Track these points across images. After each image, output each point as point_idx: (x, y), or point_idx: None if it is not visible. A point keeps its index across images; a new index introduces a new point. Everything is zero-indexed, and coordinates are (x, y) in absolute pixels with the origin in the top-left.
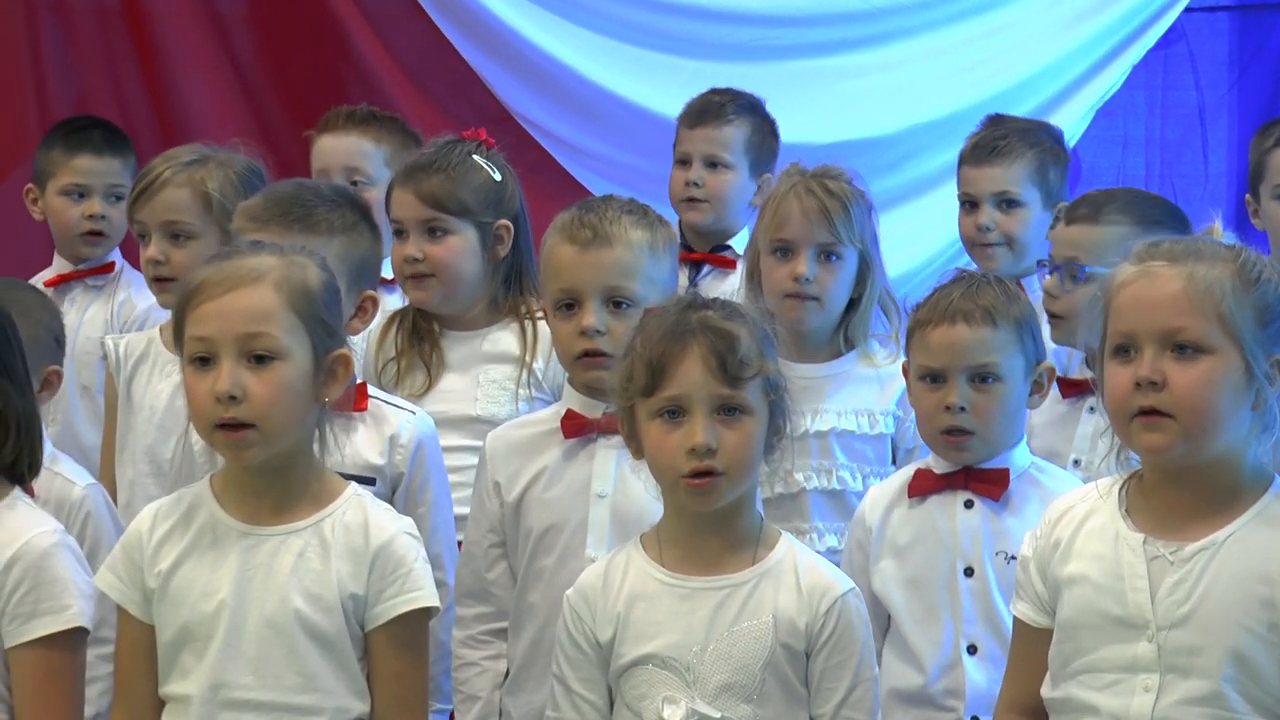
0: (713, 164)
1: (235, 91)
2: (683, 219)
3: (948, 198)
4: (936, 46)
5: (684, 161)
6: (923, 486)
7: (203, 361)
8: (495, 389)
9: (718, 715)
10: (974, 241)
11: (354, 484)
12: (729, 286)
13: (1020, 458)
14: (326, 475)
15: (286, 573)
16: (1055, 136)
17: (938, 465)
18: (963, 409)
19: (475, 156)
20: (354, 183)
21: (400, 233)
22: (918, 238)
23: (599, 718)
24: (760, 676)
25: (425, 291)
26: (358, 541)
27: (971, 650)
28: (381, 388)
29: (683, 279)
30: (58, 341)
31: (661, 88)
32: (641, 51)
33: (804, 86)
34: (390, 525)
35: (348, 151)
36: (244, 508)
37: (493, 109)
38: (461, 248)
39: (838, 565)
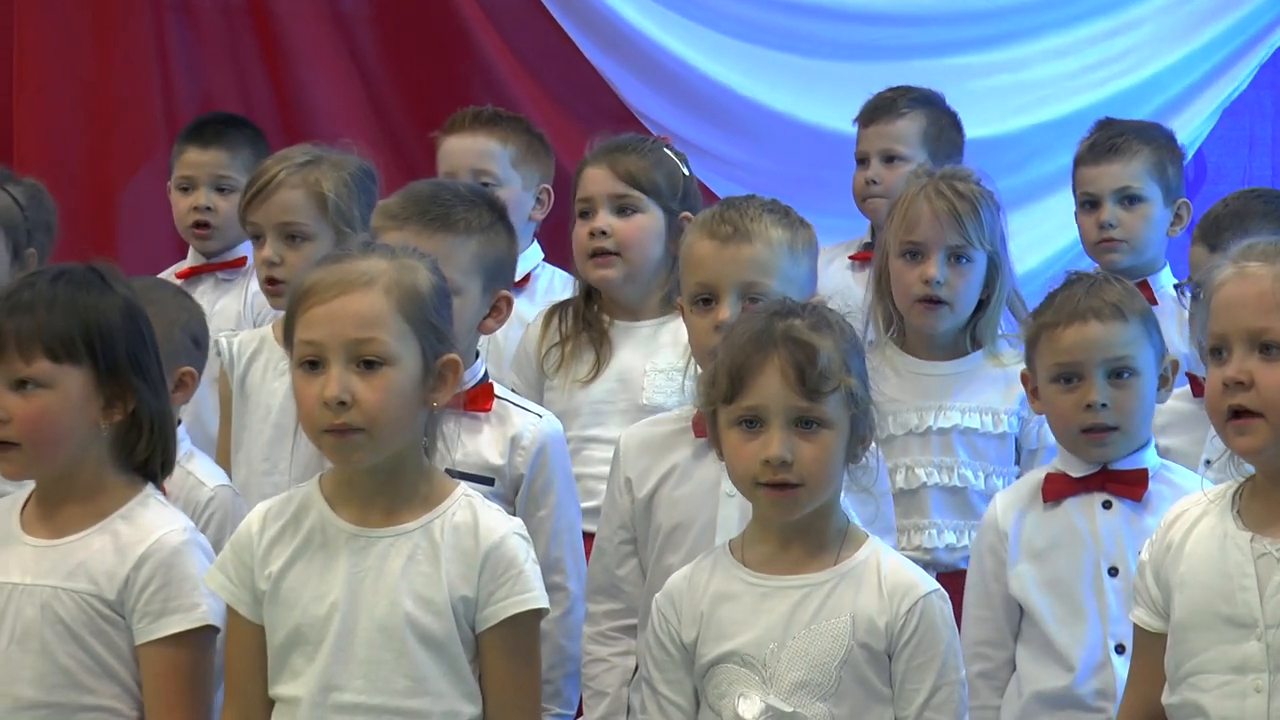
0: (889, 158)
1: (358, 90)
2: (869, 217)
3: (1072, 198)
4: (1061, 45)
5: (863, 161)
6: (1058, 490)
7: (312, 365)
8: (662, 379)
9: (790, 710)
10: (1095, 240)
11: (464, 485)
12: None
13: (1150, 458)
14: (436, 477)
15: (397, 575)
16: (1169, 134)
17: (1071, 468)
18: (1104, 405)
19: (667, 150)
20: (482, 183)
21: (586, 213)
22: (1042, 239)
23: (684, 719)
24: (836, 675)
25: (608, 269)
26: (468, 543)
27: (1120, 650)
28: (543, 372)
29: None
30: (195, 342)
31: (784, 87)
32: (764, 51)
33: (928, 85)
34: (500, 526)
35: (475, 152)
36: (353, 509)
37: (615, 108)
38: (649, 227)
39: (960, 560)
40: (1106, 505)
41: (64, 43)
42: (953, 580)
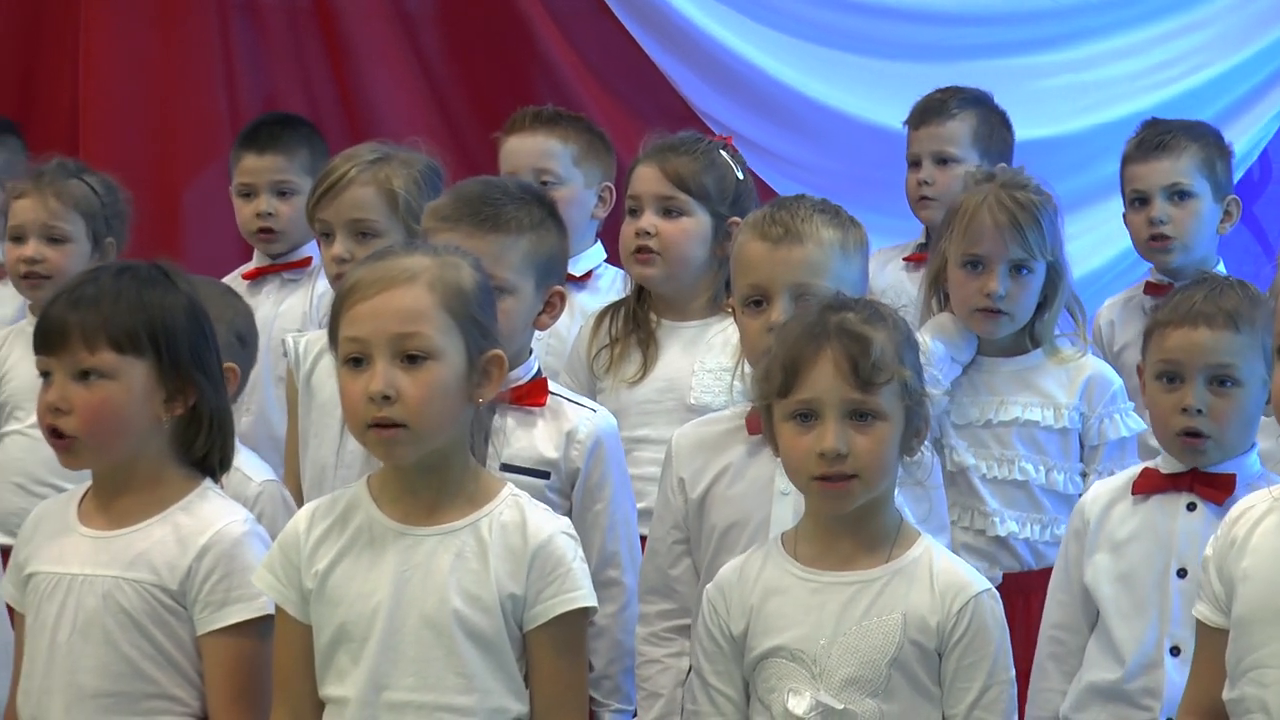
0: (942, 160)
1: (422, 90)
2: (921, 219)
3: None
4: (1124, 46)
5: (915, 163)
6: (1148, 485)
7: (356, 362)
8: (710, 379)
9: (840, 707)
10: (1145, 238)
11: (510, 484)
12: None
13: (1251, 465)
14: (483, 475)
15: (445, 573)
16: (1216, 132)
17: (1166, 465)
18: (1200, 411)
19: (722, 153)
20: (543, 183)
21: (635, 210)
22: (1104, 240)
23: (735, 711)
24: (886, 672)
25: (650, 269)
26: (516, 542)
27: (1175, 652)
28: (593, 374)
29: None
30: (240, 340)
31: (846, 87)
32: (827, 50)
33: (990, 86)
34: (548, 525)
35: (536, 152)
36: (400, 508)
37: (678, 108)
38: (694, 230)
39: (1028, 550)
40: (1191, 507)
41: (129, 44)
42: (1019, 579)
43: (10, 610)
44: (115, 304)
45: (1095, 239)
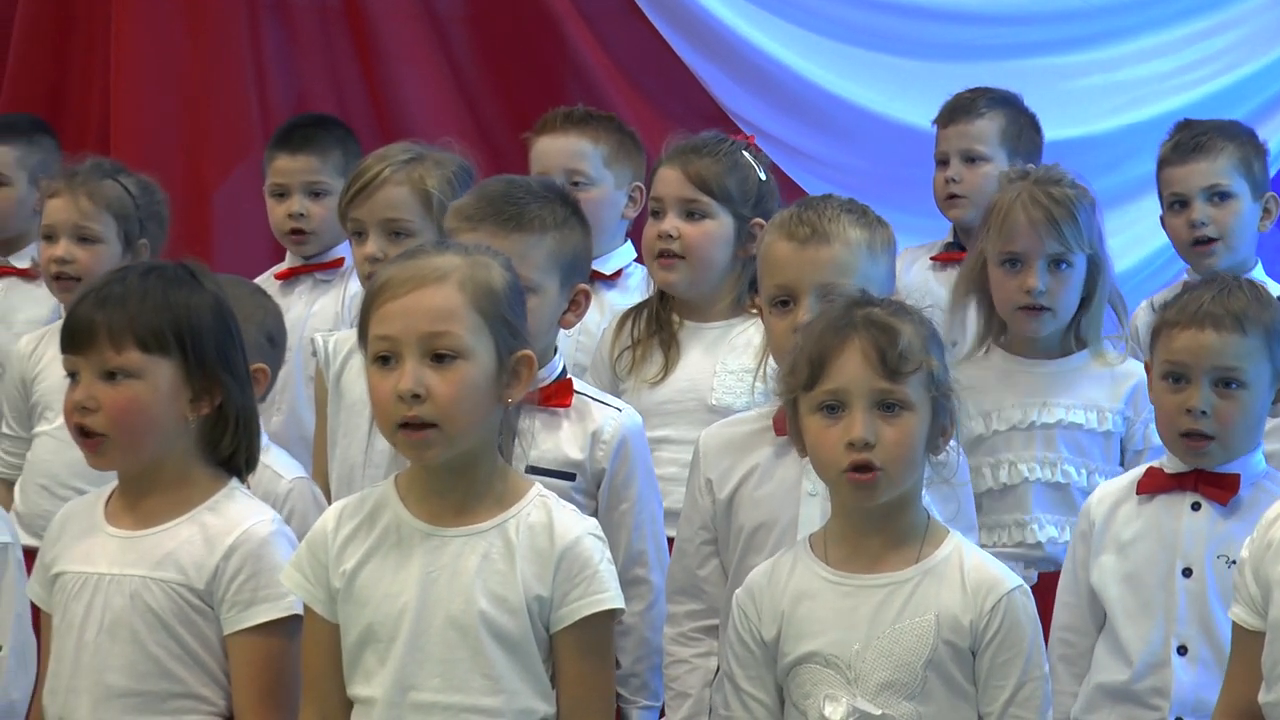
0: (970, 159)
1: (453, 90)
2: (949, 217)
3: None
4: (1155, 45)
5: (943, 162)
6: (1152, 485)
7: (385, 360)
8: (733, 380)
9: (879, 713)
10: (1188, 241)
11: (538, 485)
12: None
13: (1256, 464)
14: (511, 476)
15: (471, 574)
16: (1250, 131)
17: (1170, 465)
18: (1204, 413)
19: (745, 154)
20: (574, 183)
21: (657, 212)
22: (1136, 240)
23: (768, 716)
24: (922, 675)
25: (672, 273)
26: (543, 543)
27: (1182, 651)
28: (616, 375)
29: (953, 280)
30: (270, 340)
31: (878, 87)
32: (858, 51)
33: (1020, 86)
34: (575, 527)
35: (566, 152)
36: (428, 508)
37: (708, 108)
38: (716, 233)
39: (1062, 553)
40: (1196, 506)
41: (160, 44)
42: (1056, 579)
43: (34, 612)
44: (142, 303)
45: (1127, 239)
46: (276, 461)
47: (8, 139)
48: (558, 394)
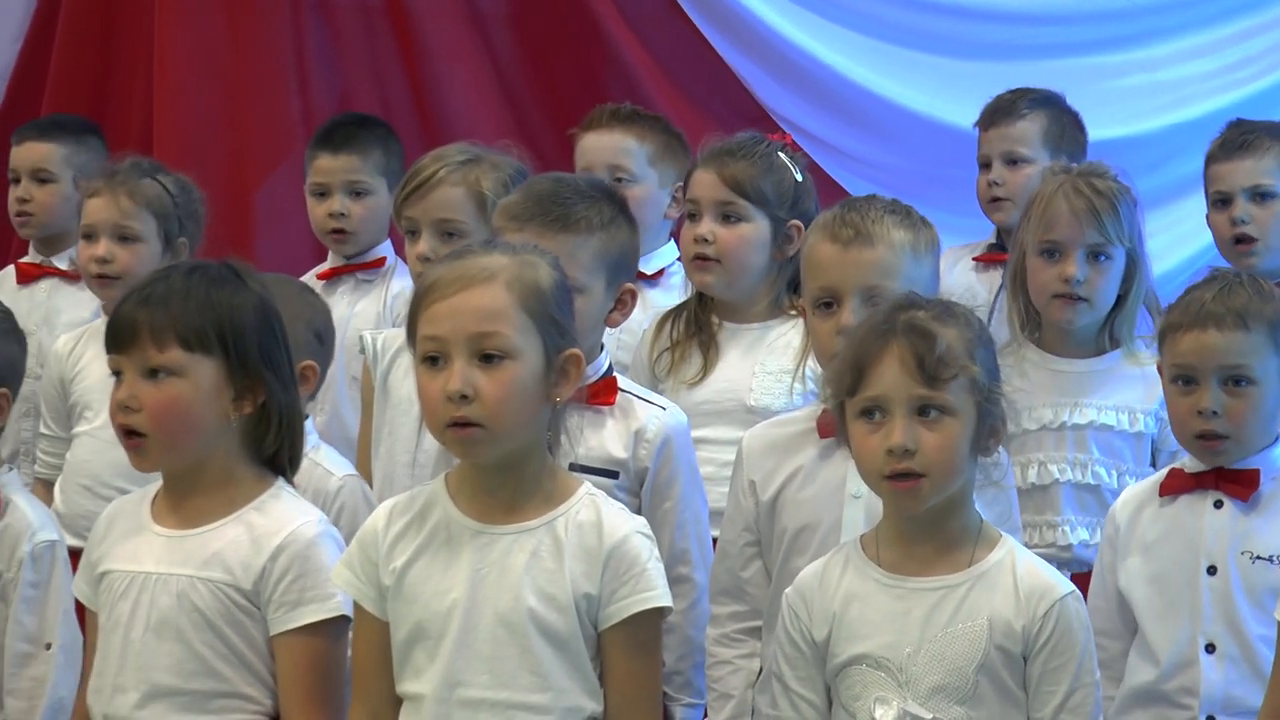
0: (1012, 161)
1: (495, 90)
2: (993, 220)
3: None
4: (1197, 45)
5: (986, 164)
6: (1174, 485)
7: (434, 360)
8: (771, 381)
9: (929, 717)
10: (1229, 239)
11: (587, 483)
12: None
13: (1275, 459)
14: (560, 474)
15: (520, 572)
16: None
17: (1190, 465)
18: (1215, 413)
19: (781, 154)
20: (617, 179)
21: (694, 215)
22: (1179, 240)
23: (817, 716)
24: (974, 679)
25: (708, 275)
26: (591, 541)
27: (1210, 649)
28: (655, 376)
29: (995, 281)
30: (319, 338)
31: (918, 86)
32: (899, 50)
33: (1063, 85)
34: (624, 525)
35: (611, 149)
36: (477, 506)
37: (751, 109)
38: (751, 236)
39: (1092, 556)
40: (1218, 504)
41: (203, 44)
42: (1088, 580)
43: (79, 610)
44: (184, 302)
45: (1170, 239)
46: (327, 459)
47: (56, 137)
48: (602, 392)
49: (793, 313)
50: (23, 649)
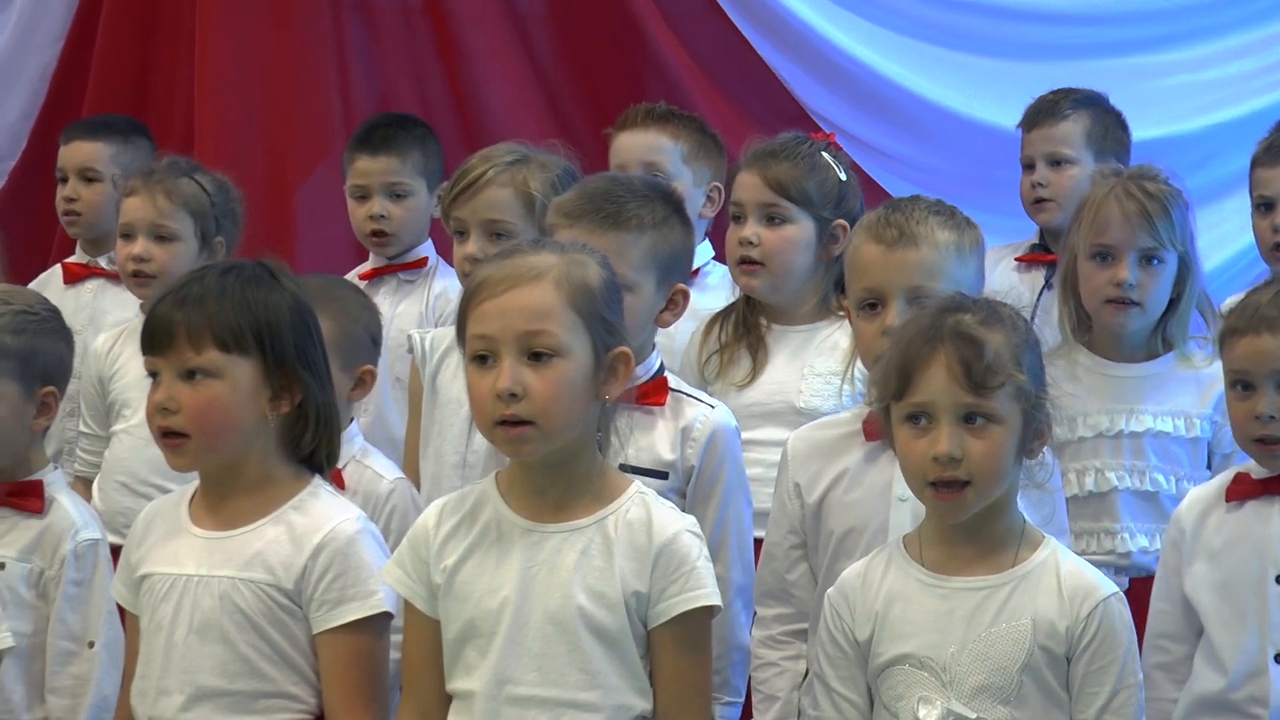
0: (1055, 162)
1: (535, 90)
2: (1037, 221)
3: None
4: (1240, 45)
5: (1029, 165)
6: (1241, 491)
7: (483, 360)
8: (820, 383)
9: (973, 716)
10: (1270, 244)
11: (638, 481)
12: None
13: None
14: (610, 473)
15: (570, 570)
16: None
17: (1257, 471)
18: (1272, 417)
19: (824, 154)
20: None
21: (738, 217)
22: (1221, 240)
23: (859, 716)
24: (1017, 679)
25: (754, 279)
26: (641, 539)
27: (1279, 658)
28: (704, 379)
29: (1038, 282)
30: (374, 341)
31: (958, 86)
32: (939, 49)
33: (1104, 85)
34: (673, 523)
35: (645, 147)
36: (528, 504)
37: (790, 108)
38: (796, 238)
39: (1153, 565)
40: None
41: (244, 43)
42: (1148, 585)
43: (121, 609)
44: (220, 303)
45: (1212, 240)
46: (377, 462)
47: (104, 137)
48: (653, 392)
49: (840, 314)
50: (66, 647)
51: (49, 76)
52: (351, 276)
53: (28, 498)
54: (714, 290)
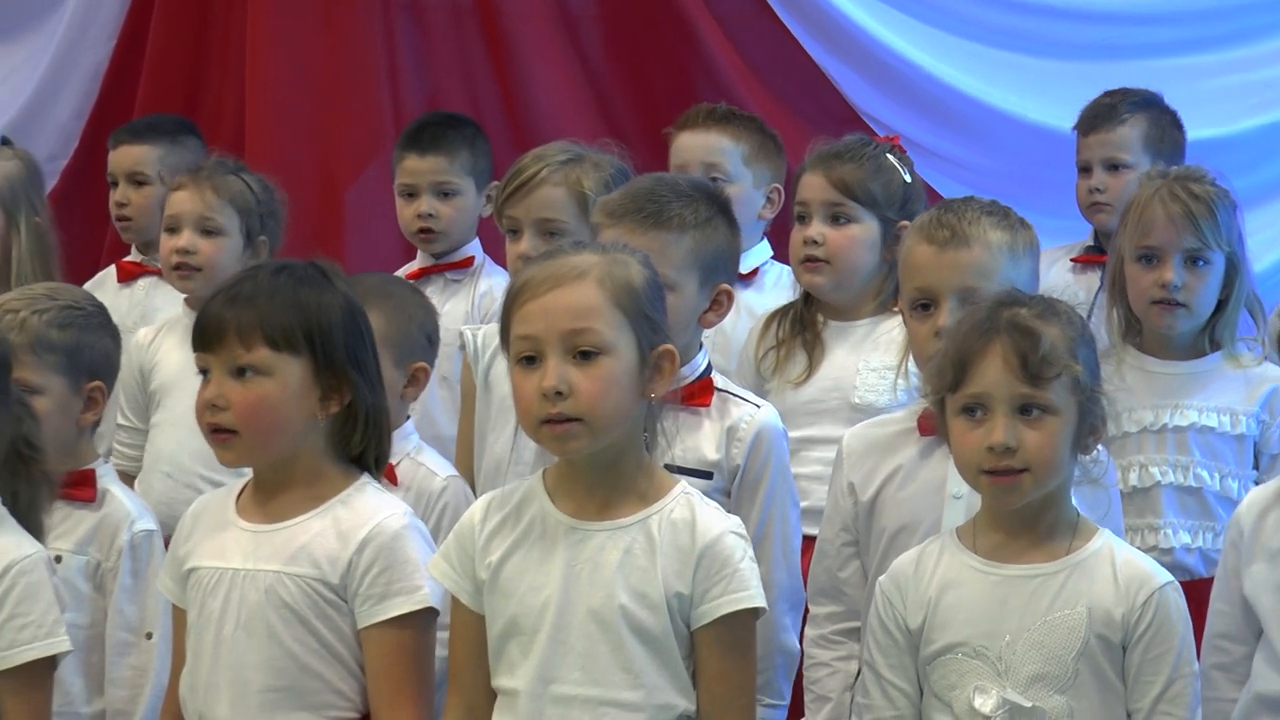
0: (1113, 166)
1: (585, 90)
2: (1094, 224)
3: None
4: None
5: (1085, 169)
6: None
7: (529, 360)
8: (875, 378)
9: (1029, 705)
10: None
11: (684, 481)
12: None
13: None
14: (656, 472)
15: (613, 569)
16: None
17: None
18: None
19: (889, 156)
20: (712, 179)
21: (803, 217)
22: (1273, 240)
23: (909, 705)
24: (1073, 667)
25: (818, 276)
26: (684, 540)
27: None
28: (759, 375)
29: (1093, 283)
30: (429, 340)
31: (1010, 87)
32: (991, 50)
33: (1157, 85)
34: (718, 524)
35: (706, 148)
36: (573, 502)
37: (841, 109)
38: (861, 238)
39: (1196, 561)
40: None
41: (294, 44)
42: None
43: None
44: (271, 302)
45: (1264, 240)
46: (431, 459)
47: (151, 139)
48: (699, 393)
49: (896, 310)
50: (124, 638)
51: (101, 76)
52: (399, 275)
53: (80, 487)
54: (771, 291)
